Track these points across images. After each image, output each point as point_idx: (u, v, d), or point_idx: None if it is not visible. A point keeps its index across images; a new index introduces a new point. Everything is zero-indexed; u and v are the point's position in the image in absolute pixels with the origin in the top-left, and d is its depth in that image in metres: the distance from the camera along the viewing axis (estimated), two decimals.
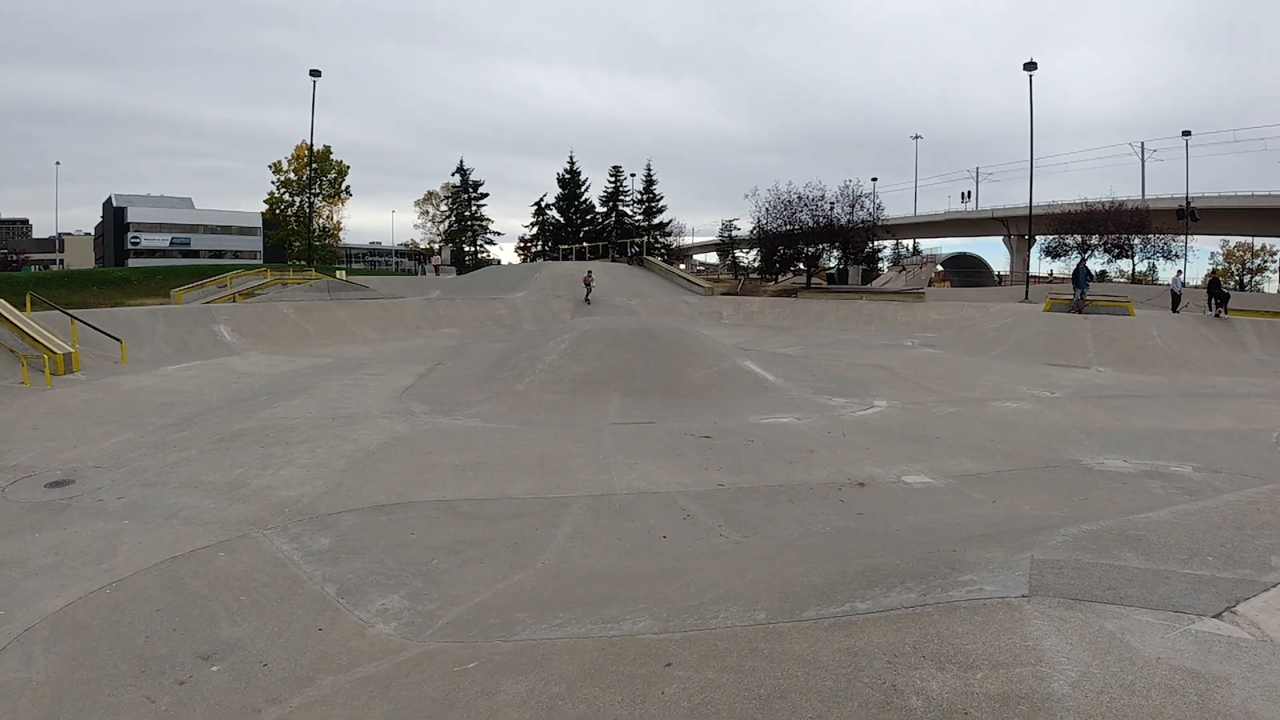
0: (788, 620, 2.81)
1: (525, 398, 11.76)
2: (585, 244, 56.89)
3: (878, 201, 49.62)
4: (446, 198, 76.84)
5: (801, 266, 49.81)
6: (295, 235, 62.48)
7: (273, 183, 65.32)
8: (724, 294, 39.19)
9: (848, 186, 47.69)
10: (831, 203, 47.27)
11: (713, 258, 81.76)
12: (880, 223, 49.49)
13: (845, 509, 6.56)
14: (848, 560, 3.80)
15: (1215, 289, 33.04)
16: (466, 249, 73.37)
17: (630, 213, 71.19)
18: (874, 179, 76.29)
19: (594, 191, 71.99)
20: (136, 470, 7.76)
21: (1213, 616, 2.70)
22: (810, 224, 46.91)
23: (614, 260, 47.75)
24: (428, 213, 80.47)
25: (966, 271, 75.48)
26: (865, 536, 5.34)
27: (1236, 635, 2.61)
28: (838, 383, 13.88)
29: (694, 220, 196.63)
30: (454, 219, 74.89)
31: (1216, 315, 30.60)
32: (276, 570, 5.35)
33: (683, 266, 63.02)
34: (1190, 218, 48.97)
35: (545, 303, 30.69)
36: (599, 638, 3.13)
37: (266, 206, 66.32)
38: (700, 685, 2.37)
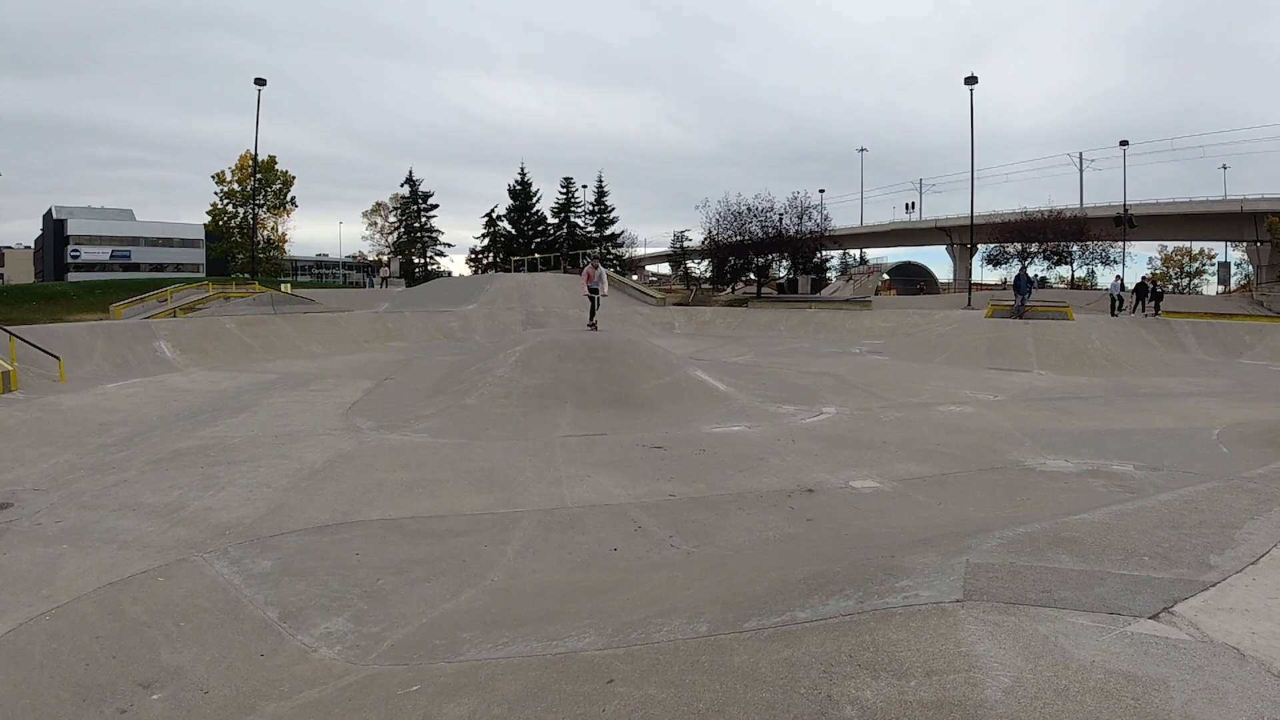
0: (730, 631, 2.80)
1: (476, 412, 11.64)
2: (537, 255, 56.72)
3: (825, 212, 50.65)
4: (395, 209, 75.89)
5: (752, 276, 50.37)
6: (239, 247, 61.07)
7: (216, 193, 63.76)
8: (676, 304, 39.38)
9: (796, 198, 48.49)
10: (780, 214, 47.96)
11: (665, 269, 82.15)
12: (828, 233, 50.39)
13: (795, 516, 6.60)
14: (792, 568, 3.81)
15: (1143, 291, 34.82)
16: (416, 261, 72.53)
17: (582, 224, 71.17)
18: (821, 190, 77.69)
19: (545, 203, 71.78)
20: (75, 493, 7.48)
21: (1149, 618, 2.70)
22: (760, 234, 47.51)
23: (566, 272, 47.64)
24: (376, 224, 79.36)
25: (912, 280, 77.15)
26: (814, 543, 5.38)
27: (1174, 636, 2.60)
28: (788, 390, 14.02)
29: (646, 231, 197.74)
30: (403, 230, 73.98)
31: (1146, 314, 32.02)
32: (217, 595, 5.18)
33: (635, 278, 63.18)
34: (1128, 224, 50.80)
35: (496, 315, 30.49)
36: (543, 656, 3.09)
37: (209, 218, 64.73)
38: (641, 701, 2.33)
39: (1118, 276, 42.80)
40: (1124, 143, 56.54)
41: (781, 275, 54.49)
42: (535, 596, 4.64)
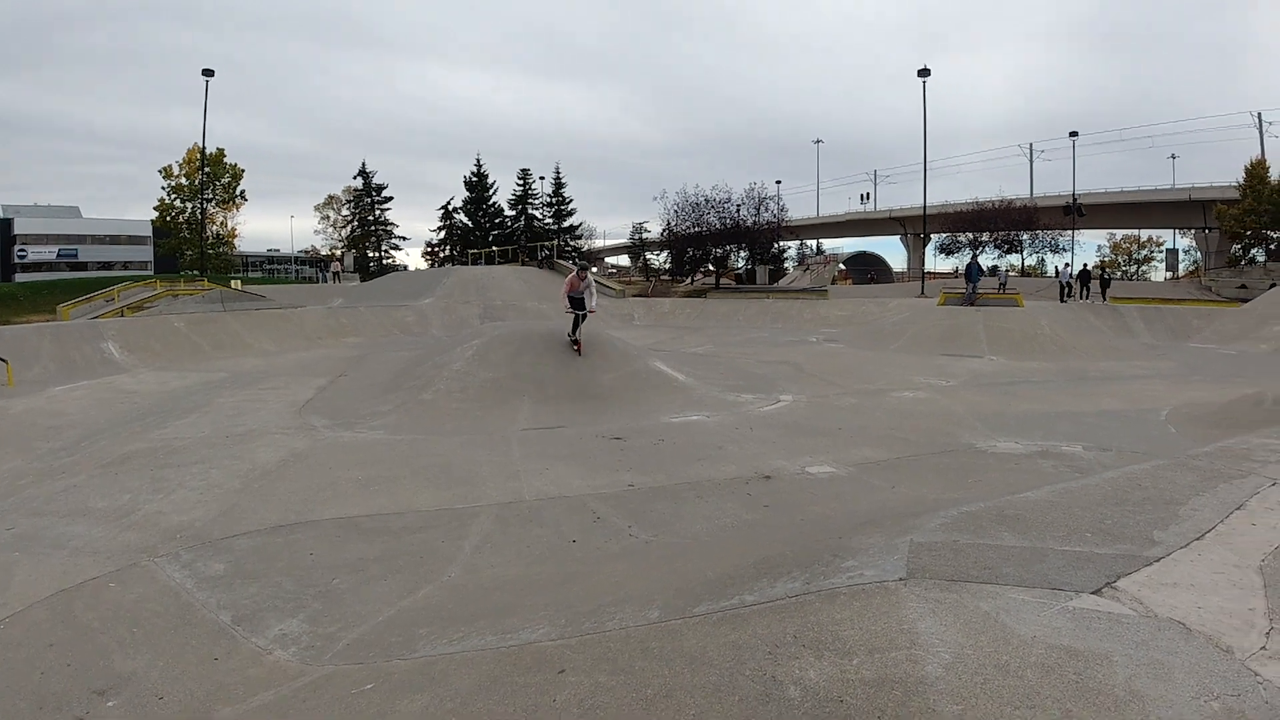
0: (680, 617, 2.83)
1: (432, 407, 11.52)
2: (494, 248, 56.24)
3: (781, 203, 51.03)
4: (348, 201, 74.52)
5: (710, 267, 50.58)
6: (187, 243, 59.51)
7: (163, 188, 62.02)
8: (635, 296, 39.39)
9: (753, 189, 48.77)
10: (738, 205, 48.20)
11: (624, 260, 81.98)
12: (784, 224, 50.83)
13: (752, 502, 6.67)
14: (744, 553, 3.85)
15: (1085, 278, 36.02)
16: (371, 254, 71.42)
17: (539, 216, 70.56)
18: (778, 182, 78.08)
19: (502, 195, 70.87)
20: (25, 499, 7.26)
21: (1091, 593, 2.71)
22: (718, 226, 47.72)
23: (524, 264, 47.37)
24: (328, 217, 77.87)
25: (867, 269, 78.17)
26: (770, 529, 5.44)
27: (1118, 611, 2.61)
28: (746, 379, 14.13)
29: (605, 223, 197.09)
30: (357, 223, 72.74)
31: (1088, 300, 33.05)
32: (169, 599, 5.07)
33: (595, 270, 62.94)
34: (1077, 213, 52.05)
35: (454, 309, 30.19)
36: (497, 649, 3.08)
37: (157, 214, 62.98)
38: (591, 689, 2.34)
39: (1067, 265, 44.10)
40: (1074, 134, 57.93)
41: (740, 266, 54.78)
42: (493, 591, 4.62)
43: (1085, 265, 42.65)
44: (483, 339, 14.11)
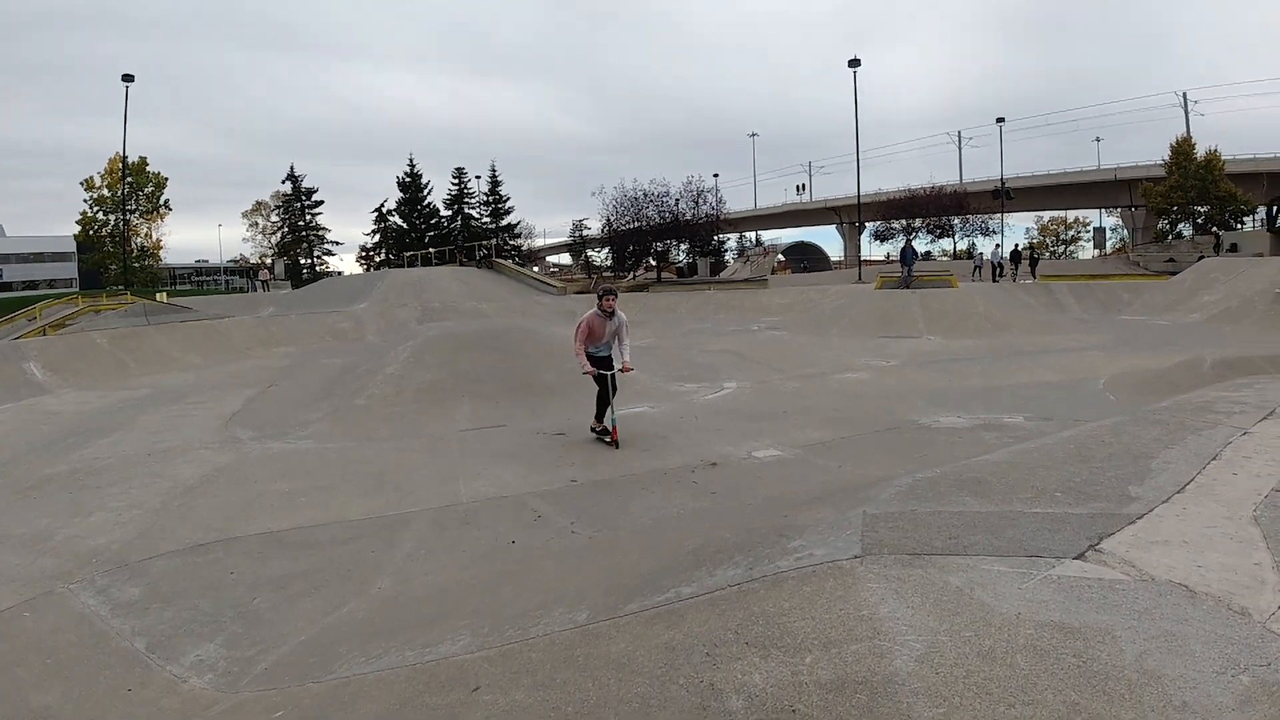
0: (609, 617, 2.54)
1: (366, 412, 11.06)
2: (431, 249, 55.20)
3: (720, 196, 51.31)
4: (277, 207, 72.36)
5: (652, 262, 50.51)
6: (111, 257, 56.96)
7: (86, 201, 59.17)
8: (578, 293, 38.96)
9: (691, 183, 48.89)
10: (676, 199, 48.29)
11: (566, 258, 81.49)
12: (723, 217, 51.07)
13: (699, 490, 6.48)
14: (683, 541, 3.61)
15: (1016, 257, 37.63)
16: (303, 261, 69.46)
17: (477, 215, 69.48)
18: (715, 175, 78.50)
19: (437, 195, 69.52)
20: None
21: (1075, 558, 2.45)
22: (657, 220, 47.70)
23: (462, 264, 46.53)
24: (257, 224, 75.46)
25: (806, 259, 79.09)
26: (716, 515, 5.22)
27: (1110, 577, 2.33)
28: (690, 369, 13.97)
29: (545, 222, 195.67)
30: (287, 230, 70.63)
31: (1013, 279, 34.30)
32: (84, 628, 4.68)
33: (536, 269, 62.48)
34: (1005, 196, 53.58)
35: (390, 312, 29.42)
36: (413, 666, 2.77)
37: (80, 228, 60.23)
38: (505, 710, 2.05)
39: (997, 245, 45.50)
40: (1000, 120, 59.45)
41: (681, 260, 54.88)
42: (423, 600, 4.30)
43: (1016, 246, 44.31)
44: (418, 340, 13.65)
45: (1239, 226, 50.50)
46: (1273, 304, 22.48)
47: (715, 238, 52.67)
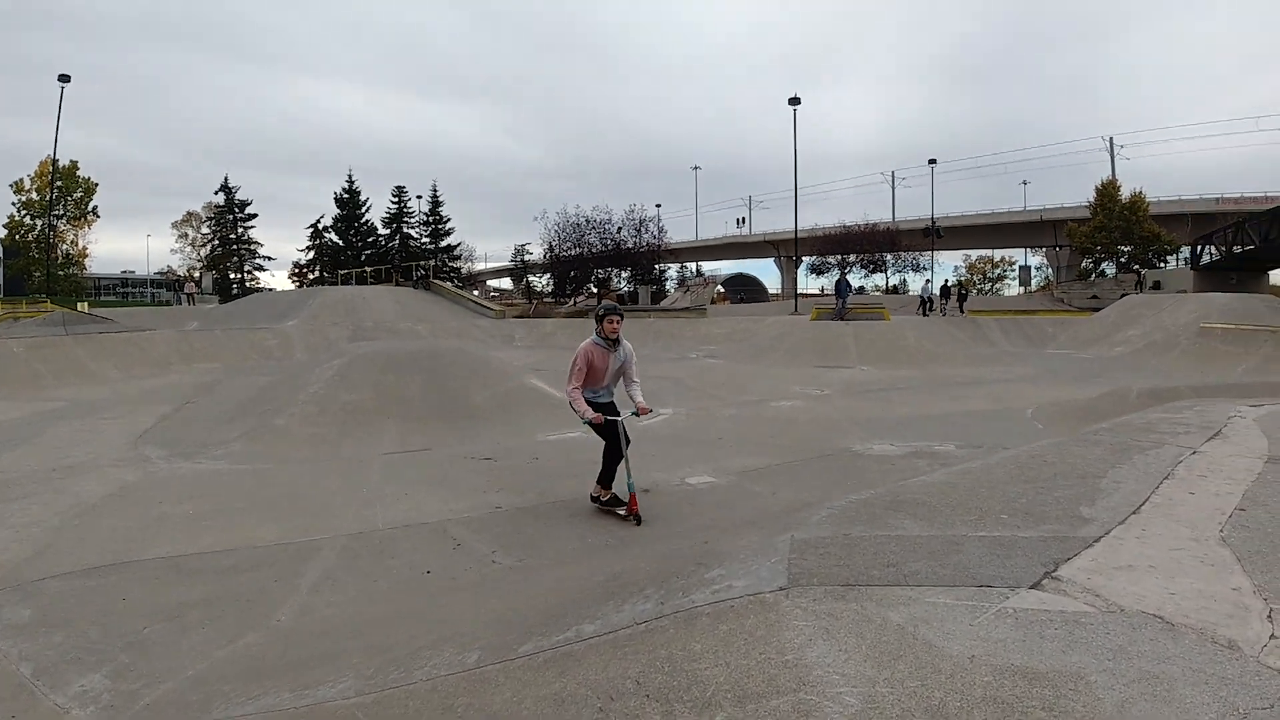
0: (499, 660, 2.23)
1: (286, 433, 10.56)
2: (367, 268, 54.11)
3: (661, 226, 51.67)
4: (209, 219, 70.15)
5: (593, 289, 50.44)
6: (35, 264, 54.36)
7: (14, 204, 56.51)
8: (517, 317, 38.60)
9: (633, 210, 49.21)
10: (619, 226, 48.49)
11: (507, 283, 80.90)
12: (664, 246, 51.48)
13: (629, 517, 6.27)
14: (596, 570, 3.39)
15: (945, 293, 39.28)
16: (233, 276, 67.37)
17: (416, 235, 68.50)
18: (658, 205, 79.44)
19: (376, 213, 68.34)
20: None
21: (1031, 587, 2.18)
22: (599, 247, 47.78)
23: (398, 284, 45.66)
24: (187, 235, 72.97)
25: (744, 290, 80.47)
26: (644, 543, 5.00)
27: (1073, 609, 2.05)
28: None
29: (487, 245, 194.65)
30: (217, 242, 68.46)
31: (943, 313, 35.68)
32: None
33: (476, 292, 61.79)
34: (936, 235, 55.47)
35: (321, 330, 28.59)
36: (287, 710, 2.45)
37: (5, 231, 57.41)
38: None
39: (927, 281, 47.25)
40: (933, 161, 61.68)
41: (621, 287, 55.02)
42: (320, 635, 3.96)
43: (945, 282, 46.01)
44: (345, 359, 13.15)
45: (1162, 265, 52.89)
46: (1196, 338, 23.40)
47: (656, 266, 53.00)
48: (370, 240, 67.27)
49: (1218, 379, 16.77)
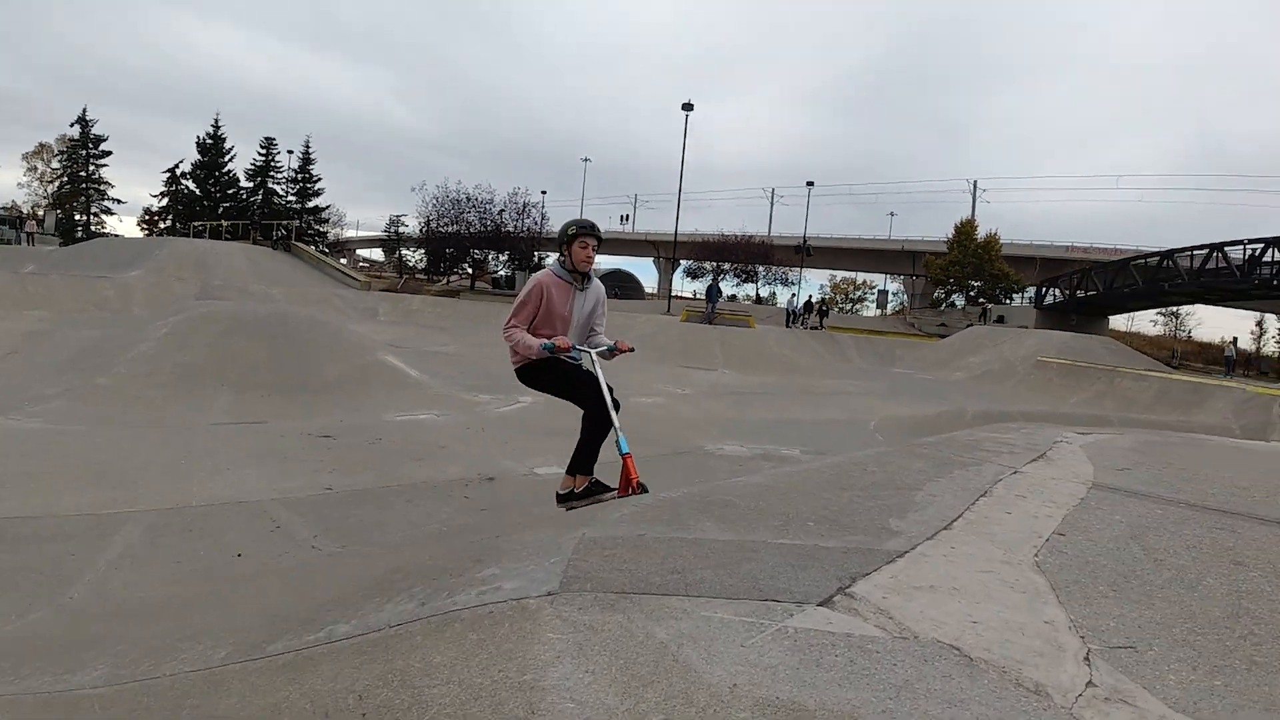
0: (243, 659, 2.03)
1: (110, 393, 9.72)
2: (224, 222, 50.81)
3: (545, 213, 51.14)
4: (61, 153, 64.08)
5: (468, 269, 49.36)
6: None
7: None
8: (383, 290, 37.27)
9: (517, 194, 48.44)
10: (501, 208, 47.59)
11: (379, 254, 78.00)
12: (546, 234, 50.97)
13: (469, 505, 6.10)
14: (379, 562, 3.23)
15: (809, 308, 41.58)
16: (79, 217, 61.81)
17: (282, 192, 64.81)
18: (543, 192, 78.47)
19: (241, 164, 64.09)
20: None
21: (820, 604, 1.99)
22: (478, 227, 46.74)
23: (256, 243, 43.11)
24: (36, 169, 66.37)
25: (622, 286, 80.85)
26: (475, 533, 4.86)
27: (861, 632, 1.84)
28: (487, 379, 13.53)
29: (360, 212, 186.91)
30: (66, 179, 62.67)
31: (806, 327, 37.68)
32: None
33: (344, 260, 59.29)
34: (806, 253, 58.08)
35: (165, 285, 26.64)
36: (36, 695, 2.18)
37: None
38: None
39: (793, 295, 49.65)
40: (810, 183, 64.62)
41: (499, 271, 54.22)
42: (110, 616, 3.62)
43: (809, 297, 48.41)
44: (183, 316, 12.24)
45: (1009, 302, 57.23)
46: (1033, 370, 25.39)
47: (536, 253, 52.44)
48: (231, 192, 63.08)
49: (1049, 408, 18.22)
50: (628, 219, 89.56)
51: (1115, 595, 2.39)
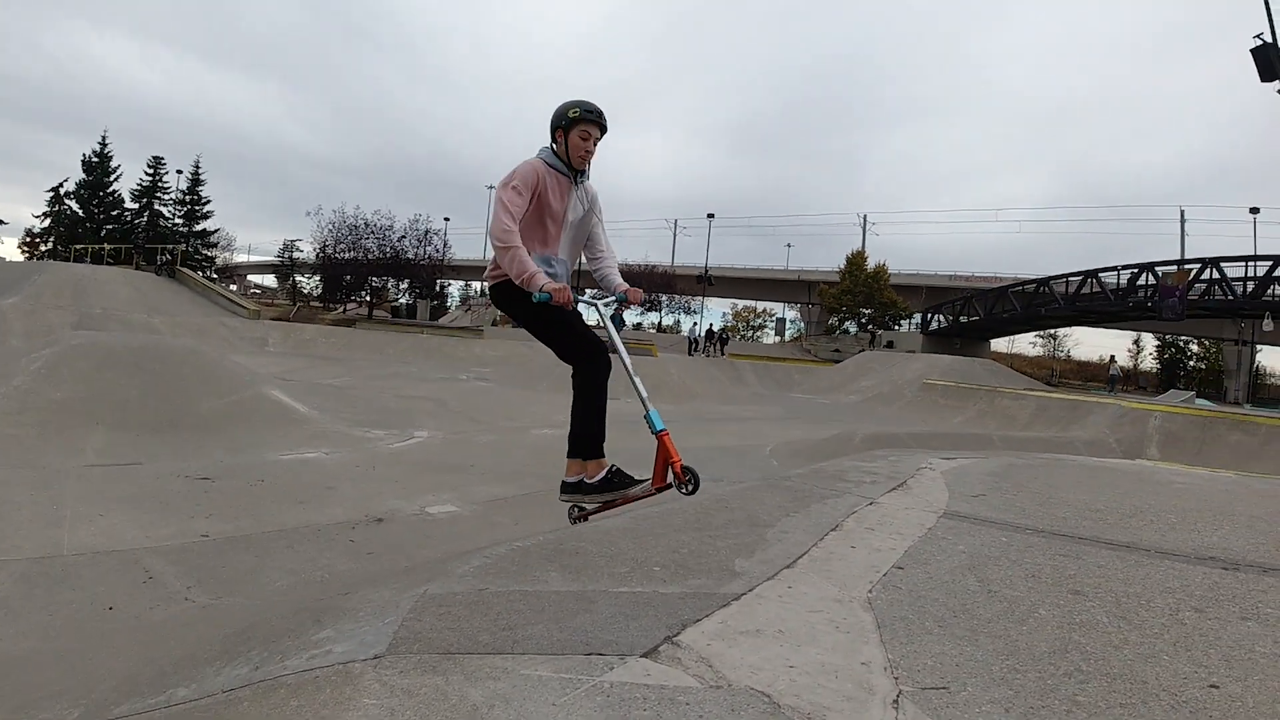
0: None
1: None
2: (107, 246, 48.24)
3: (447, 240, 50.53)
4: None
5: (366, 297, 48.21)
6: None
7: None
8: (275, 319, 35.99)
9: (418, 220, 47.72)
10: (401, 235, 46.75)
11: (272, 280, 75.31)
12: (449, 262, 50.31)
13: (354, 549, 5.95)
14: (236, 619, 3.16)
15: (710, 336, 43.26)
16: None
17: (169, 214, 62.00)
18: (446, 219, 77.54)
19: (128, 183, 61.06)
20: None
21: (643, 655, 1.94)
22: (377, 253, 45.79)
23: (139, 268, 41.09)
24: None
25: None
26: (355, 581, 4.78)
27: (676, 683, 1.81)
28: (381, 414, 13.24)
29: (253, 236, 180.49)
30: None
31: (706, 354, 39.07)
32: None
33: (234, 286, 57.05)
34: (708, 283, 59.77)
35: (41, 314, 25.11)
36: None
37: None
38: None
39: (694, 324, 51.33)
40: (710, 215, 67.18)
41: (400, 299, 53.18)
42: None
43: (710, 326, 50.09)
44: (56, 349, 11.53)
45: (897, 328, 60.44)
46: (919, 392, 26.69)
47: (439, 281, 51.72)
48: (115, 214, 59.99)
49: (934, 429, 19.09)
50: None
51: (940, 631, 2.36)
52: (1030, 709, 1.87)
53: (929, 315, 57.76)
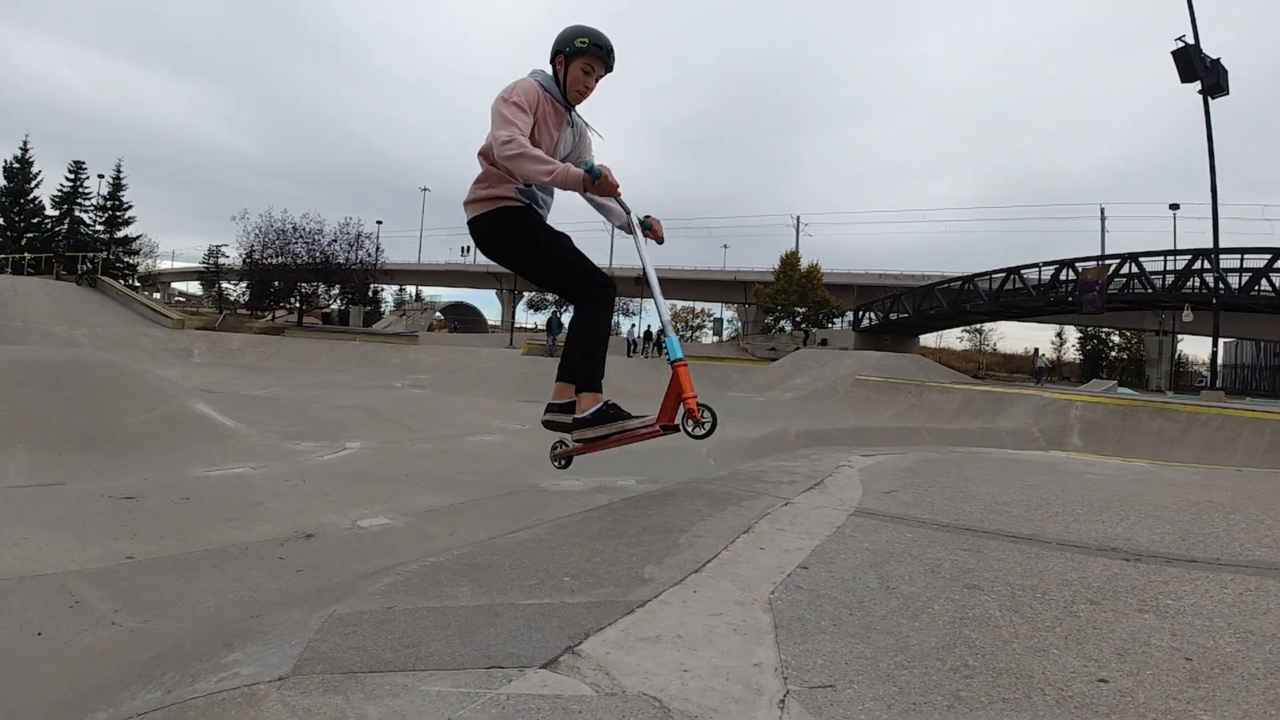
0: None
1: None
2: (27, 255, 46.24)
3: (379, 245, 49.82)
4: None
5: (296, 303, 47.20)
6: None
7: None
8: (200, 329, 34.99)
9: (349, 224, 46.93)
10: (331, 239, 45.95)
11: (197, 288, 73.04)
12: (382, 266, 49.60)
13: (283, 567, 5.89)
14: (153, 642, 3.17)
15: (649, 337, 44.02)
16: None
17: (89, 221, 59.74)
18: (379, 222, 76.09)
19: (48, 189, 58.71)
20: None
21: (542, 666, 1.97)
22: (306, 259, 44.90)
23: (60, 278, 39.53)
24: None
25: (464, 319, 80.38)
26: (284, 599, 4.79)
27: (572, 692, 1.83)
28: (311, 425, 13.06)
29: (177, 242, 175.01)
30: None
31: (645, 355, 39.60)
32: None
33: (157, 295, 55.24)
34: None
35: None
36: None
37: None
38: None
39: (633, 326, 52.18)
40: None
41: (331, 305, 52.19)
42: None
43: (648, 327, 50.96)
44: None
45: (830, 325, 62.19)
46: (852, 388, 27.44)
47: (371, 286, 50.96)
48: (35, 222, 57.62)
49: (867, 423, 19.56)
50: (469, 250, 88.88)
51: (834, 630, 2.39)
52: (912, 705, 1.89)
53: (860, 313, 59.56)
